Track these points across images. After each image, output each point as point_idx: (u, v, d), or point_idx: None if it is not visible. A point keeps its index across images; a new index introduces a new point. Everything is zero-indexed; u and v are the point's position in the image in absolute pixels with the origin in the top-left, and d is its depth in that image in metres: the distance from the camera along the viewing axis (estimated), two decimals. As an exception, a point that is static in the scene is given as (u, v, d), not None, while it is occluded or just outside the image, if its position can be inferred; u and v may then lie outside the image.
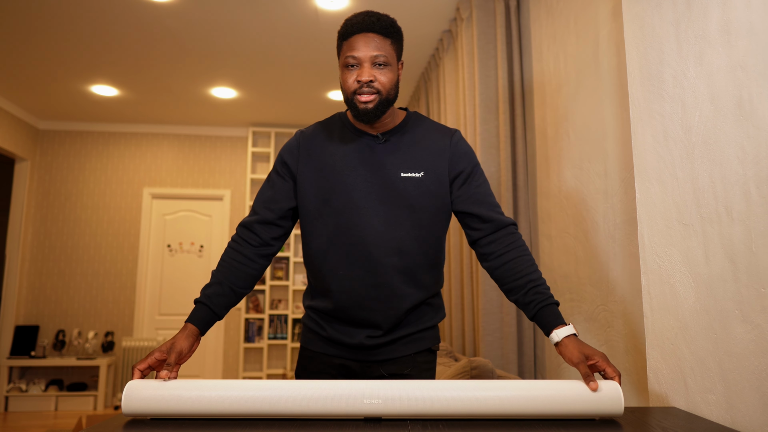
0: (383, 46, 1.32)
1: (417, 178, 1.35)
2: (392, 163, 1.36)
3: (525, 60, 2.71)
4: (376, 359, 1.40)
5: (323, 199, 1.37)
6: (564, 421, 1.05)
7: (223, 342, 5.73)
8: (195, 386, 1.05)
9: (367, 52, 1.30)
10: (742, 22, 1.10)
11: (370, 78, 1.29)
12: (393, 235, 1.34)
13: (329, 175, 1.37)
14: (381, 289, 1.35)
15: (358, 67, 1.31)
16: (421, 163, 1.37)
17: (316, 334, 1.44)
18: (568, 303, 2.21)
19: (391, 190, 1.35)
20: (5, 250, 5.55)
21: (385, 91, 1.31)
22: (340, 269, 1.36)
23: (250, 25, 3.57)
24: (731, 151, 1.12)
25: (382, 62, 1.31)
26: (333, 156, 1.39)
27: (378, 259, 1.34)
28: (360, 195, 1.35)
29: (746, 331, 1.07)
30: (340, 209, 1.35)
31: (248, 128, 5.90)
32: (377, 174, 1.36)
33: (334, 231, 1.36)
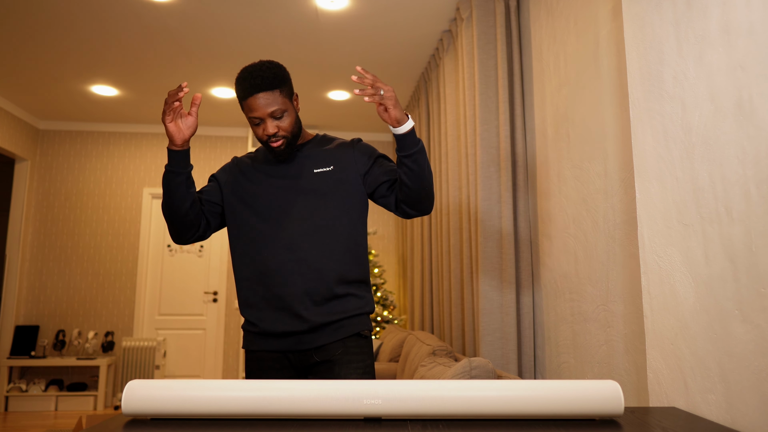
0: (275, 100, 1.58)
1: (327, 171, 1.65)
2: (305, 164, 1.67)
3: (525, 60, 2.71)
4: (308, 347, 1.57)
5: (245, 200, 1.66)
6: (564, 421, 1.05)
7: (223, 342, 5.73)
8: (195, 386, 1.05)
9: (264, 111, 1.57)
10: (742, 22, 1.10)
11: (275, 130, 1.59)
12: (307, 217, 1.60)
13: (251, 182, 1.67)
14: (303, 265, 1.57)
15: (262, 123, 1.59)
16: (329, 160, 1.67)
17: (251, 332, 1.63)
18: (568, 303, 2.21)
19: (305, 184, 1.64)
20: (5, 250, 5.55)
21: (289, 134, 1.62)
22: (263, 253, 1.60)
23: (250, 25, 3.57)
24: (731, 151, 1.12)
25: (279, 114, 1.59)
26: (257, 170, 1.70)
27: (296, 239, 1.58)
28: (277, 191, 1.64)
29: (746, 331, 1.07)
30: (260, 205, 1.64)
31: (248, 128, 5.90)
32: (294, 174, 1.66)
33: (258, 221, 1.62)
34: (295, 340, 1.57)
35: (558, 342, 2.31)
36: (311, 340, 1.57)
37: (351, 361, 1.57)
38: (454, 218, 3.20)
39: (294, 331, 1.56)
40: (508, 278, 2.52)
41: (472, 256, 2.88)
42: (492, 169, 2.69)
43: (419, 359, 2.73)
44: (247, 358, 1.65)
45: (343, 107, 5.25)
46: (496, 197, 2.66)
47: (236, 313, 5.75)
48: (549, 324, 2.40)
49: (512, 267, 2.53)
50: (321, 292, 1.57)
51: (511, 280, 2.52)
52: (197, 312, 5.78)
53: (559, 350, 2.29)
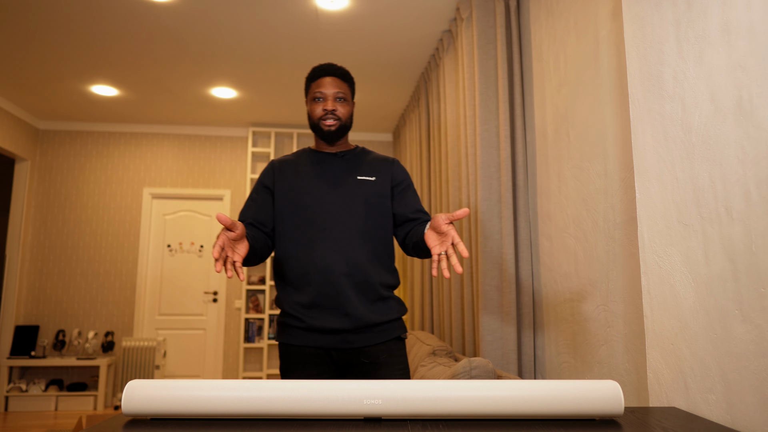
0: (342, 86, 1.74)
1: (370, 180, 1.74)
2: (349, 170, 1.76)
3: (525, 60, 2.71)
4: (353, 346, 1.63)
5: (296, 199, 1.70)
6: (564, 421, 1.05)
7: (223, 342, 5.73)
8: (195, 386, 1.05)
9: (331, 89, 1.71)
10: (742, 22, 1.10)
11: (334, 108, 1.71)
12: (354, 221, 1.68)
13: (299, 182, 1.73)
14: (351, 266, 1.64)
15: (323, 100, 1.71)
16: (372, 171, 1.77)
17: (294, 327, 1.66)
18: (568, 303, 2.21)
19: (350, 187, 1.72)
20: (5, 250, 5.55)
21: (344, 118, 1.73)
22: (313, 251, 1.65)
23: (250, 25, 3.58)
24: (731, 151, 1.12)
25: (342, 97, 1.73)
26: (300, 173, 1.75)
27: (345, 240, 1.65)
28: (325, 191, 1.71)
29: (746, 331, 1.07)
30: (309, 204, 1.69)
31: (248, 128, 5.90)
32: (338, 178, 1.73)
33: (307, 223, 1.67)
34: (341, 339, 1.63)
35: (558, 342, 2.31)
36: (356, 340, 1.63)
37: (394, 364, 1.66)
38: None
39: (341, 329, 1.62)
40: (508, 278, 2.52)
41: (472, 256, 2.88)
42: (492, 169, 2.69)
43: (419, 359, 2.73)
44: (284, 351, 1.68)
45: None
46: (496, 197, 2.66)
47: (236, 313, 5.76)
48: (549, 324, 2.40)
49: (512, 267, 2.53)
50: (369, 293, 1.65)
51: (511, 280, 2.52)
52: (197, 312, 5.78)
53: (559, 350, 2.29)
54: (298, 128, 5.90)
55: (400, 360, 1.68)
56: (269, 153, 5.85)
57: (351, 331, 1.63)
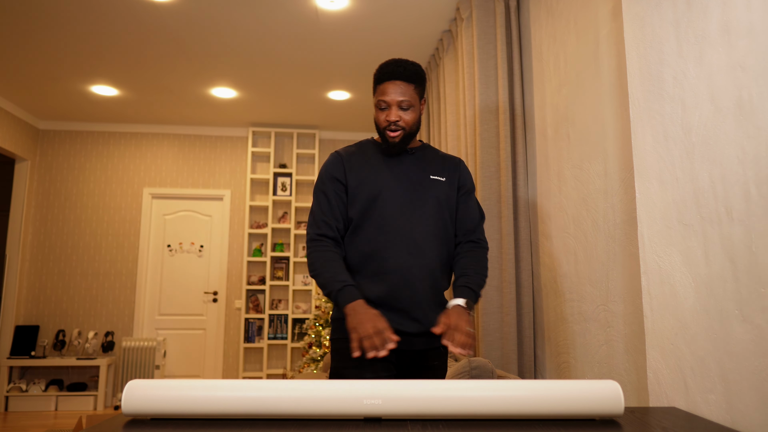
0: (407, 92, 1.63)
1: (442, 181, 1.69)
2: (422, 168, 1.69)
3: (525, 60, 2.71)
4: (413, 348, 1.58)
5: (371, 198, 1.62)
6: (564, 421, 1.05)
7: (223, 342, 5.73)
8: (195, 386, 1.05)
9: (394, 98, 1.61)
10: (742, 22, 1.10)
11: (397, 119, 1.62)
12: (429, 222, 1.63)
13: (373, 180, 1.65)
14: (425, 270, 1.60)
15: (387, 108, 1.62)
16: (443, 171, 1.71)
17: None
18: (568, 303, 2.21)
19: (424, 187, 1.66)
20: (5, 250, 5.55)
21: (408, 128, 1.64)
22: (388, 251, 1.60)
23: (250, 25, 3.58)
24: (731, 151, 1.12)
25: (407, 106, 1.62)
26: (373, 166, 1.68)
27: (420, 243, 1.61)
28: (400, 191, 1.64)
29: (746, 331, 1.07)
30: (384, 205, 1.62)
31: (248, 128, 5.90)
32: (411, 176, 1.67)
33: (383, 223, 1.61)
34: (404, 340, 1.56)
35: (558, 342, 2.31)
36: (418, 343, 1.59)
37: (442, 368, 1.67)
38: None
39: (407, 332, 1.57)
40: (508, 278, 2.52)
41: (472, 256, 2.88)
42: (492, 169, 2.69)
43: (419, 359, 2.73)
44: (342, 347, 1.58)
45: (343, 107, 5.25)
46: (496, 197, 2.66)
47: (236, 313, 5.76)
48: (549, 324, 2.40)
49: (512, 267, 2.53)
50: (436, 299, 1.62)
51: (511, 280, 2.52)
52: (197, 312, 5.78)
53: (559, 350, 2.29)
54: (298, 128, 5.90)
55: (445, 366, 1.69)
56: (269, 153, 5.85)
57: (415, 335, 1.58)
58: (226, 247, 5.80)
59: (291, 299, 5.69)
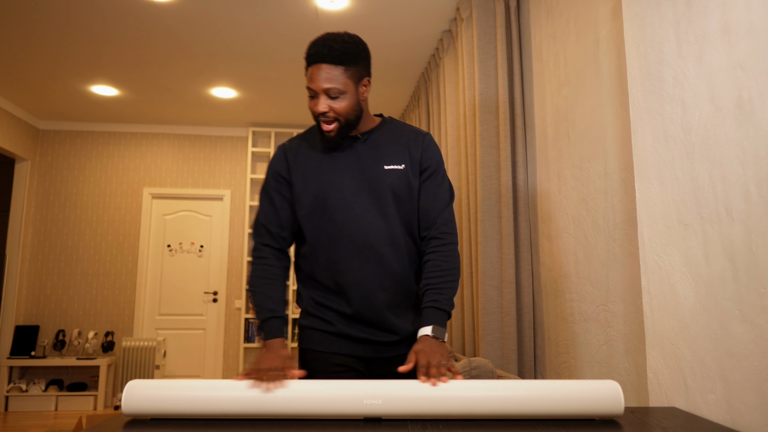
0: (335, 77, 1.38)
1: (399, 169, 1.46)
2: (375, 158, 1.47)
3: (525, 60, 2.71)
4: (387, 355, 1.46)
5: (317, 199, 1.45)
6: (564, 421, 1.05)
7: (223, 342, 5.73)
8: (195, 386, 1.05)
9: (320, 85, 1.38)
10: (742, 22, 1.10)
11: (326, 110, 1.39)
12: (385, 224, 1.44)
13: (318, 177, 1.46)
14: (386, 278, 1.43)
15: (316, 96, 1.40)
16: (401, 156, 1.48)
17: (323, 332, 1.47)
18: (568, 303, 2.21)
19: (378, 182, 1.45)
20: (5, 250, 5.55)
21: (343, 118, 1.40)
22: (344, 263, 1.43)
23: (250, 25, 3.58)
24: (731, 151, 1.12)
25: (335, 94, 1.38)
26: (319, 161, 1.48)
27: (378, 248, 1.43)
28: (349, 190, 1.44)
29: (746, 331, 1.07)
30: (334, 206, 1.44)
31: (248, 128, 5.90)
32: (363, 169, 1.46)
33: (333, 227, 1.44)
34: (373, 348, 1.45)
35: (558, 342, 2.31)
36: (389, 350, 1.46)
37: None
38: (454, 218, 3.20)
39: (374, 341, 1.44)
40: (508, 278, 2.52)
41: (472, 255, 2.88)
42: (492, 170, 2.69)
43: (419, 359, 2.73)
44: (306, 357, 1.48)
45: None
46: (495, 197, 2.66)
47: (236, 313, 5.76)
48: (549, 324, 2.40)
49: (512, 267, 2.53)
50: (404, 304, 1.47)
51: (511, 280, 2.52)
52: (197, 312, 5.78)
53: (559, 350, 2.29)
54: (298, 128, 5.90)
55: None
56: (269, 153, 5.85)
57: (390, 343, 1.45)
58: (226, 247, 5.80)
59: (291, 299, 5.69)
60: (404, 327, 1.46)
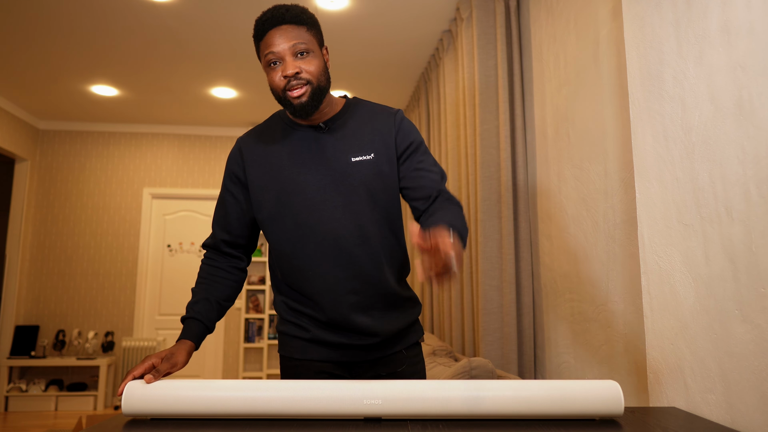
0: (300, 35, 1.26)
1: (368, 160, 1.32)
2: (340, 149, 1.32)
3: (525, 60, 2.71)
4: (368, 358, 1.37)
5: (278, 201, 1.33)
6: (564, 421, 1.05)
7: (223, 342, 5.73)
8: (195, 386, 1.05)
9: (285, 44, 1.24)
10: (742, 22, 1.10)
11: (296, 70, 1.24)
12: (356, 223, 1.31)
13: (279, 175, 1.33)
14: (357, 280, 1.32)
15: (280, 63, 1.26)
16: (370, 144, 1.33)
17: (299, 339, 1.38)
18: (568, 303, 2.21)
19: (344, 176, 1.31)
20: (5, 250, 5.55)
21: (315, 80, 1.27)
22: (311, 269, 1.32)
23: (250, 25, 3.57)
24: (731, 151, 1.12)
25: (303, 50, 1.26)
26: (279, 155, 1.34)
27: (348, 249, 1.31)
28: (314, 188, 1.31)
29: (746, 331, 1.07)
30: (297, 207, 1.32)
31: (248, 128, 5.90)
32: (327, 163, 1.32)
33: (297, 230, 1.32)
34: (353, 353, 1.36)
35: (558, 342, 2.31)
36: (371, 353, 1.37)
37: (415, 372, 1.42)
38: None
39: (353, 345, 1.35)
40: (508, 278, 2.52)
41: (472, 256, 2.88)
42: (492, 169, 2.69)
43: (419, 359, 2.73)
44: (286, 365, 1.40)
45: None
46: (495, 197, 2.66)
47: (236, 313, 5.76)
48: (549, 324, 2.40)
49: (512, 267, 2.53)
50: (380, 306, 1.35)
51: (511, 280, 2.52)
52: (197, 312, 5.78)
53: (559, 350, 2.29)
54: (298, 128, 5.90)
55: (419, 368, 1.44)
56: (269, 153, 5.86)
57: (371, 346, 1.36)
58: (226, 247, 5.80)
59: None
60: (384, 328, 1.35)
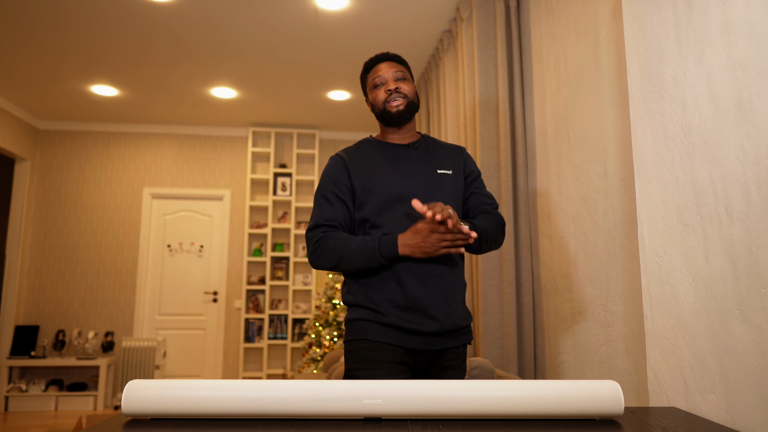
0: (400, 67, 1.67)
1: (449, 174, 1.66)
2: (428, 163, 1.66)
3: (525, 60, 2.71)
4: (433, 348, 1.54)
5: (386, 200, 1.59)
6: (564, 421, 1.05)
7: (223, 342, 5.73)
8: (195, 386, 1.05)
9: (389, 70, 1.65)
10: (742, 22, 1.10)
11: (396, 86, 1.63)
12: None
13: (381, 179, 1.61)
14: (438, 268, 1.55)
15: (384, 84, 1.64)
16: (448, 164, 1.69)
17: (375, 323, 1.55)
18: (568, 303, 2.21)
19: (433, 182, 1.63)
20: (5, 250, 5.55)
21: (411, 96, 1.65)
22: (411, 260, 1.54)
23: (250, 25, 3.57)
24: (731, 151, 1.12)
25: (402, 77, 1.65)
26: (377, 165, 1.64)
27: None
28: (411, 189, 1.60)
29: (746, 331, 1.07)
30: (396, 203, 1.58)
31: (248, 128, 5.90)
32: (419, 172, 1.64)
33: (395, 222, 1.57)
34: (422, 340, 1.54)
35: (558, 342, 2.31)
36: (436, 342, 1.55)
37: (462, 368, 1.62)
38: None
39: (424, 332, 1.53)
40: (508, 278, 2.52)
41: (472, 256, 2.88)
42: (492, 169, 2.69)
43: (419, 359, 2.73)
44: (357, 347, 1.55)
45: (343, 107, 5.25)
46: (496, 197, 2.66)
47: (236, 313, 5.76)
48: (549, 324, 2.40)
49: (512, 267, 2.53)
50: (455, 297, 1.58)
51: (511, 280, 2.52)
52: (197, 312, 5.78)
53: (559, 350, 2.29)
54: (298, 128, 5.90)
55: (465, 366, 1.65)
56: (269, 153, 5.85)
57: (434, 334, 1.54)
58: (226, 247, 5.80)
59: (291, 299, 5.69)
60: (450, 317, 1.55)
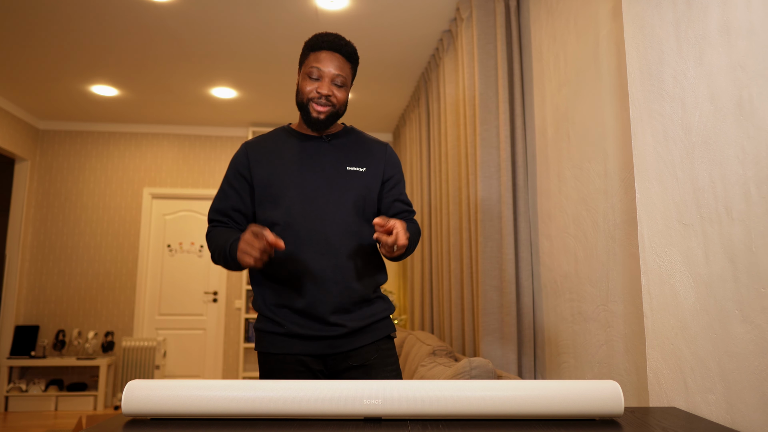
0: (344, 68, 1.53)
1: (360, 171, 1.57)
2: (338, 158, 1.56)
3: (525, 60, 2.71)
4: (340, 350, 1.51)
5: (278, 196, 1.52)
6: (564, 421, 1.05)
7: (223, 342, 5.73)
8: (195, 386, 1.05)
9: (331, 70, 1.50)
10: (742, 22, 1.10)
11: (329, 93, 1.50)
12: (344, 219, 1.52)
13: (281, 173, 1.53)
14: (339, 270, 1.50)
15: (320, 80, 1.50)
16: (363, 160, 1.59)
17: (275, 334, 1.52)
18: (568, 303, 2.21)
19: (339, 180, 1.54)
20: (5, 250, 5.55)
21: (338, 106, 1.53)
22: (300, 253, 1.49)
23: (250, 25, 3.57)
24: (731, 151, 1.12)
25: (342, 83, 1.52)
26: (282, 158, 1.55)
27: (333, 240, 1.50)
28: (312, 186, 1.52)
29: (746, 331, 1.07)
30: (294, 200, 1.51)
31: (248, 128, 5.90)
32: (325, 168, 1.54)
33: (291, 220, 1.50)
34: (327, 344, 1.50)
35: (558, 342, 2.31)
36: (343, 344, 1.51)
37: (386, 364, 1.55)
38: (454, 218, 3.20)
39: (326, 336, 1.49)
40: (508, 278, 2.52)
41: (472, 256, 2.88)
42: (492, 169, 2.69)
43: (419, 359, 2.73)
44: (263, 361, 1.53)
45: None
46: (496, 197, 2.66)
47: (236, 313, 5.76)
48: (549, 324, 2.40)
49: (512, 267, 2.53)
50: (354, 298, 1.52)
51: (511, 280, 2.52)
52: (197, 312, 5.78)
53: (559, 350, 2.29)
54: (298, 128, 5.90)
55: (391, 360, 1.57)
56: (269, 153, 5.85)
57: (338, 337, 1.50)
58: (226, 247, 5.80)
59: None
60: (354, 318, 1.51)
